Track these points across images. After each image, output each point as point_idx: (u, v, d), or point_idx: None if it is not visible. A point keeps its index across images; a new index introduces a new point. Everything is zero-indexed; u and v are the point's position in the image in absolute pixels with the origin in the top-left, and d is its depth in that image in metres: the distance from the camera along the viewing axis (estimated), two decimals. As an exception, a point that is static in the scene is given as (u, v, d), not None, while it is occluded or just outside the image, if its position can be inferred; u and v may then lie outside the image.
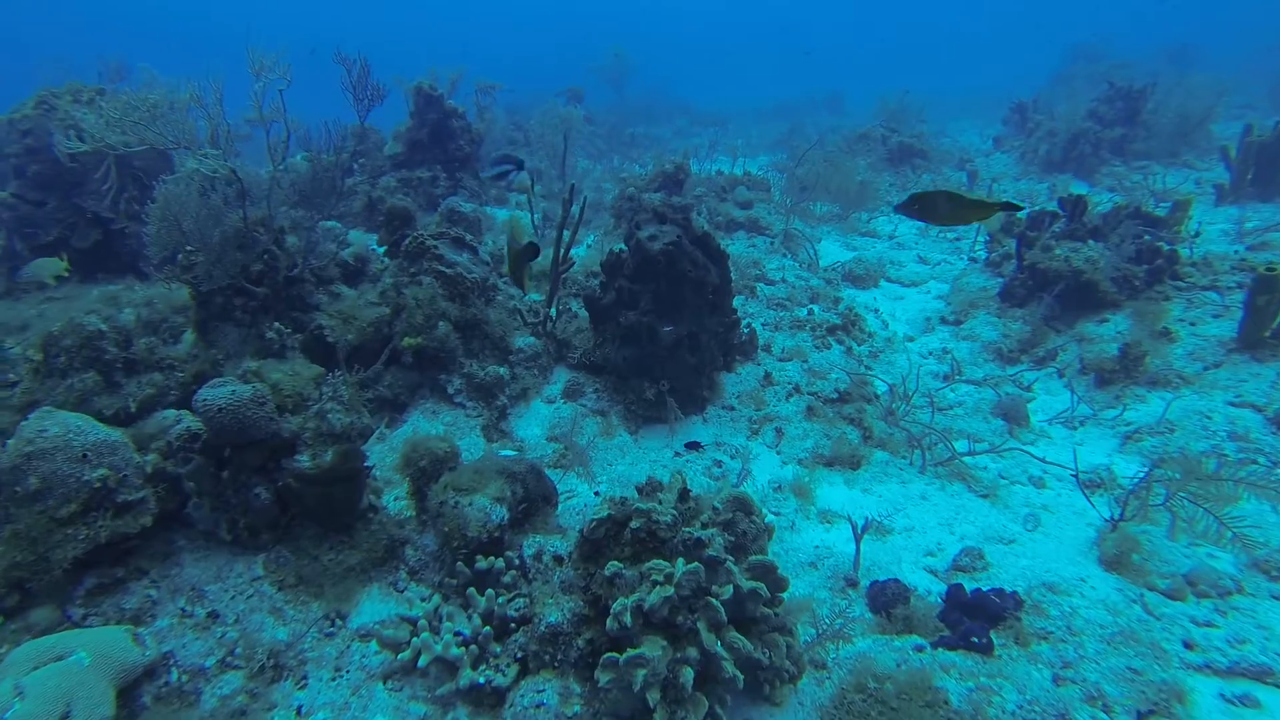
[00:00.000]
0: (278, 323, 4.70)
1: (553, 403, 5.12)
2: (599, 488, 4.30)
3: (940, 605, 3.33)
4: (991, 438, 5.02)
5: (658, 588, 2.62)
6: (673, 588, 2.60)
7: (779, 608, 2.91)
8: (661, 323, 4.85)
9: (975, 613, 3.17)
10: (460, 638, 2.85)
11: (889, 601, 3.30)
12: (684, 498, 3.06)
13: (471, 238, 5.56)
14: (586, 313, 5.37)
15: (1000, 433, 5.09)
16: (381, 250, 6.36)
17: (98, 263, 6.04)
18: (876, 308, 7.07)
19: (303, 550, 3.24)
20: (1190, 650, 2.99)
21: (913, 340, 6.62)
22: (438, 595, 3.03)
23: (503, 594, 3.13)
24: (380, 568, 3.38)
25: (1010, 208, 3.00)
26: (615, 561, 2.76)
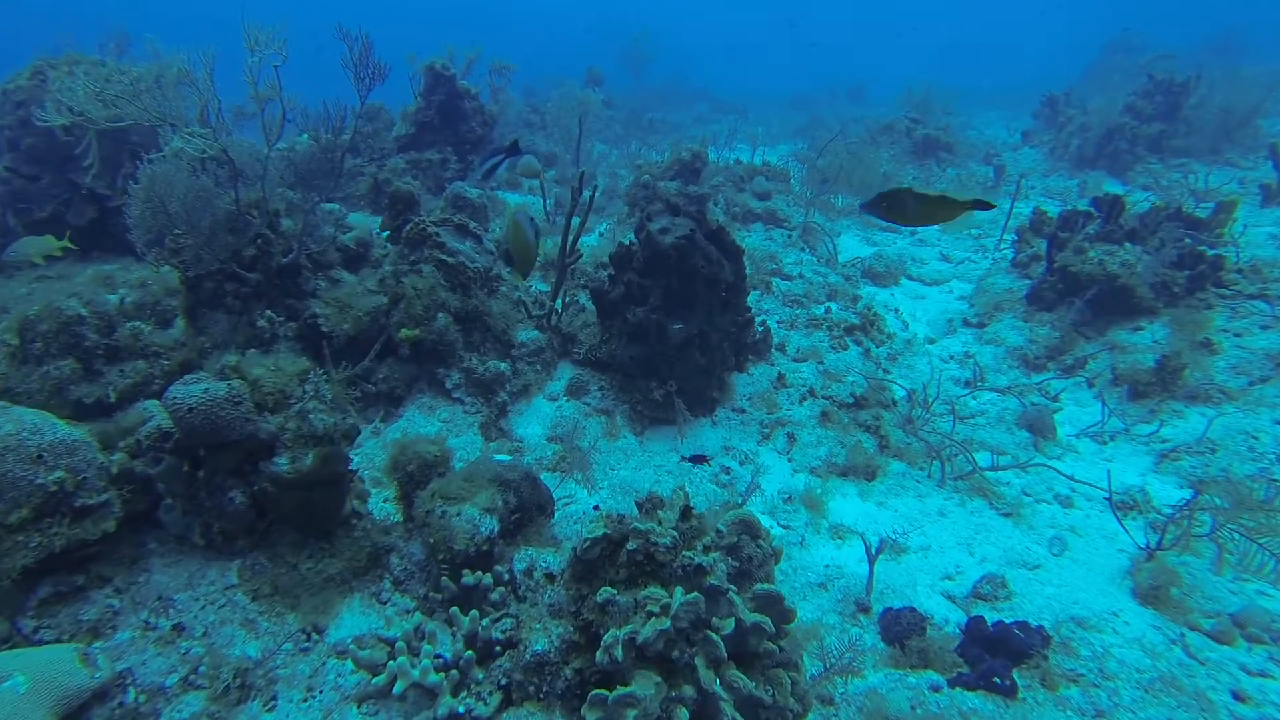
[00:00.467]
0: (270, 310, 4.52)
1: (555, 400, 4.91)
2: (599, 495, 4.09)
3: (958, 637, 3.10)
4: (1015, 451, 4.76)
5: (652, 620, 2.40)
6: (669, 620, 2.39)
7: (785, 640, 2.69)
8: (671, 320, 4.61)
9: (997, 649, 2.93)
10: (441, 661, 2.66)
11: (903, 632, 3.08)
12: (686, 516, 2.84)
13: (476, 225, 5.33)
14: (594, 306, 5.14)
15: (1025, 445, 4.82)
16: (385, 235, 6.16)
17: (94, 241, 5.88)
18: (896, 307, 6.79)
19: (280, 557, 3.06)
20: (1241, 703, 2.73)
21: (933, 343, 6.34)
22: (419, 614, 2.84)
23: (490, 612, 2.93)
24: (363, 577, 3.20)
25: (981, 205, 2.84)
26: (608, 587, 2.55)
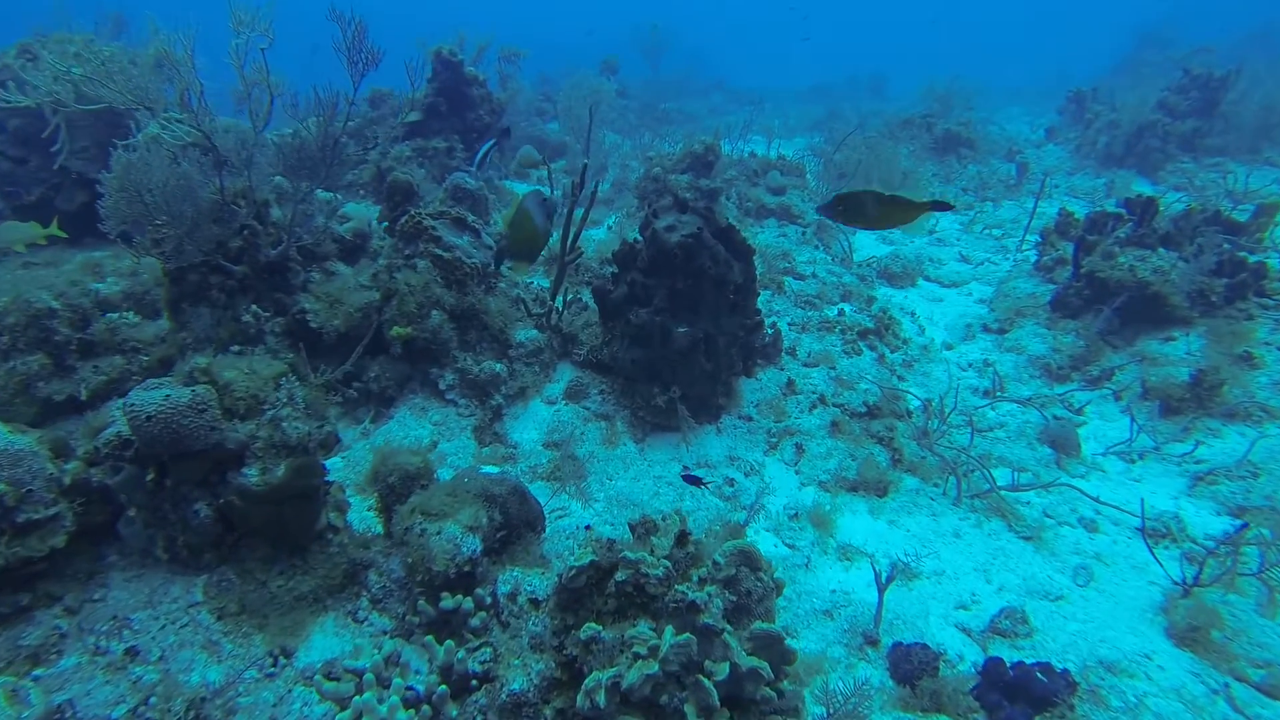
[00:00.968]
0: (256, 305, 4.33)
1: (553, 404, 4.70)
2: (595, 508, 3.88)
3: (974, 677, 2.87)
4: (1036, 468, 4.50)
5: (639, 662, 2.19)
6: (657, 664, 2.17)
7: (786, 680, 2.48)
8: (676, 323, 4.38)
9: (1017, 695, 2.70)
10: (412, 694, 2.47)
11: (914, 671, 2.85)
12: (682, 542, 2.62)
13: (475, 219, 5.11)
14: (596, 305, 4.92)
15: (1047, 462, 4.56)
16: (384, 226, 5.95)
17: (85, 226, 5.70)
18: (913, 310, 6.51)
19: (249, 573, 2.88)
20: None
21: (951, 348, 6.06)
22: (389, 641, 2.65)
23: (469, 640, 2.74)
24: (338, 595, 3.01)
25: (940, 207, 2.81)
26: (593, 623, 2.35)
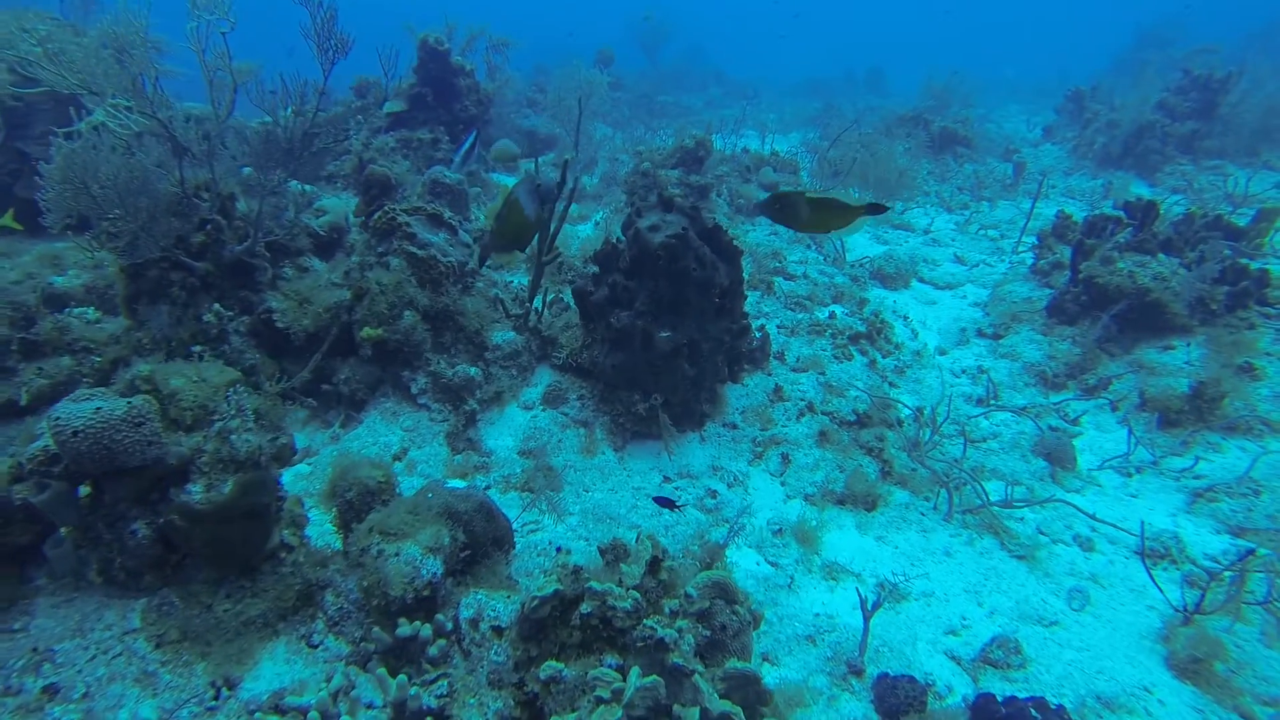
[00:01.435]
0: (219, 304, 4.12)
1: (530, 409, 4.51)
2: (569, 521, 3.71)
3: (964, 711, 2.71)
4: (1031, 481, 4.34)
5: (602, 707, 2.02)
6: (620, 709, 2.00)
7: None
8: (658, 327, 4.20)
9: (1009, 733, 2.54)
10: (361, 733, 2.29)
11: (900, 705, 2.69)
12: (655, 569, 2.45)
13: (452, 215, 4.91)
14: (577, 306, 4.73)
15: (1041, 475, 4.40)
16: (359, 221, 5.74)
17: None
18: (906, 314, 6.34)
19: (194, 596, 2.69)
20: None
21: (944, 354, 5.90)
22: (338, 674, 2.47)
23: (427, 671, 2.56)
24: (291, 618, 2.83)
25: (875, 210, 2.73)
26: (553, 661, 2.17)
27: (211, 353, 4.04)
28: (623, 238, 4.44)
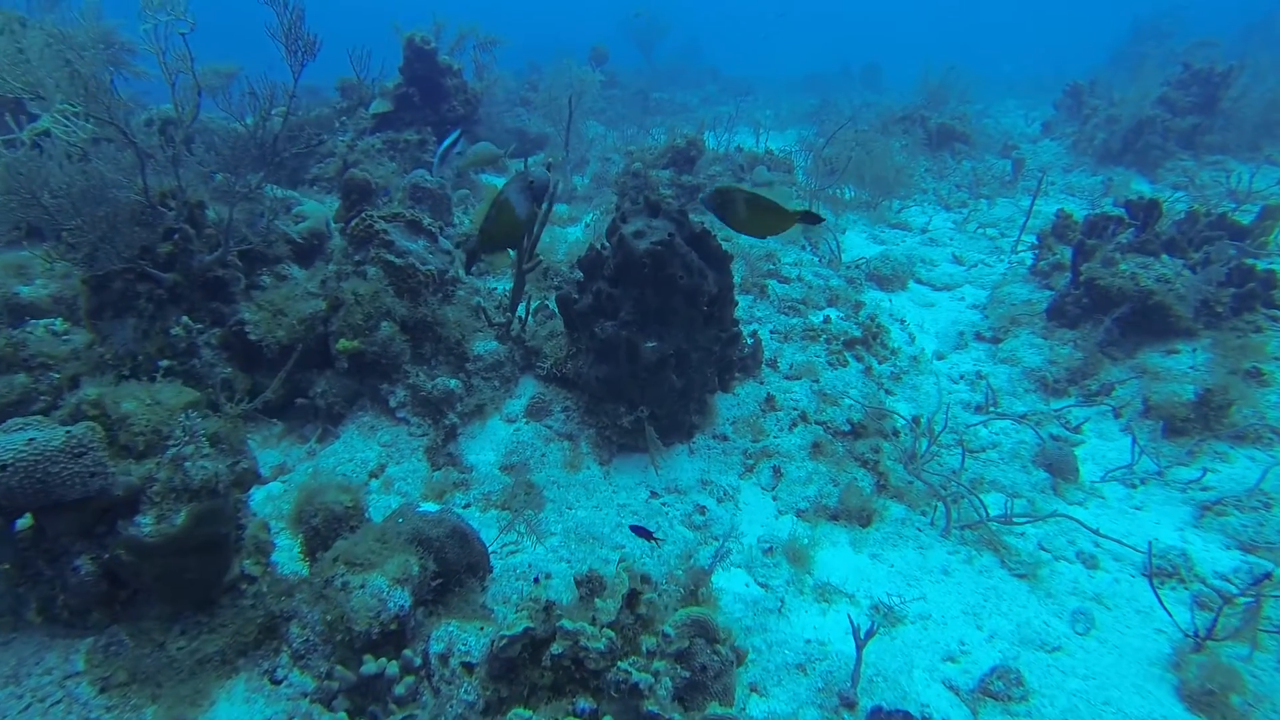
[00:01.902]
0: (187, 316, 3.96)
1: (513, 422, 4.36)
2: (550, 542, 3.55)
3: (963, 748, 2.57)
4: (1032, 493, 4.20)
5: (572, 763, 1.87)
6: (592, 766, 1.86)
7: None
8: (644, 337, 4.04)
9: (1011, 774, 2.40)
10: (318, 785, 2.14)
11: (896, 743, 2.54)
12: (633, 604, 2.30)
13: (432, 221, 4.76)
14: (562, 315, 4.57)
15: (1043, 487, 4.25)
16: (339, 227, 5.58)
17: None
18: (902, 317, 6.18)
19: (145, 634, 2.54)
20: None
21: (942, 358, 5.75)
22: (299, 717, 2.32)
23: (393, 711, 2.42)
24: (253, 653, 2.68)
25: (811, 219, 2.71)
26: (522, 709, 2.02)
27: (180, 367, 3.89)
28: (607, 243, 4.29)
